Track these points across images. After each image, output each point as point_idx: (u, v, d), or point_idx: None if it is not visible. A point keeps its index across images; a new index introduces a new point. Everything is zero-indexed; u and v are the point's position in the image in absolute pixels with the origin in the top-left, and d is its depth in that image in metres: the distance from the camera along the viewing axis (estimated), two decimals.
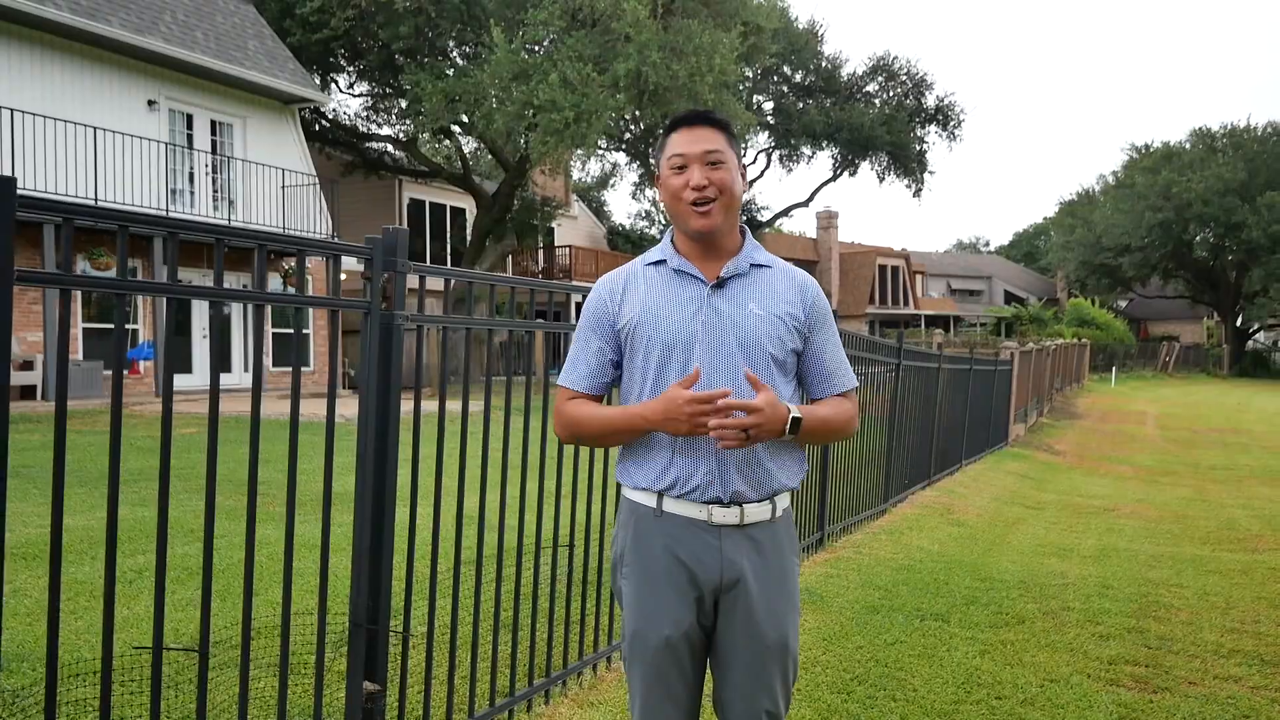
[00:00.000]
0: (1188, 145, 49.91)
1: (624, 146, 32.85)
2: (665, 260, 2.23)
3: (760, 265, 2.24)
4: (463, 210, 27.54)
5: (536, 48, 19.27)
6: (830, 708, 3.67)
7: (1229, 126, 48.99)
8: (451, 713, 3.00)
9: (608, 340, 2.24)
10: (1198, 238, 48.46)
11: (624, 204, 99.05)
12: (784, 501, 2.23)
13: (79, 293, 3.64)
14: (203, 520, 6.47)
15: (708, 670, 2.25)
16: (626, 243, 34.24)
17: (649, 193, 37.47)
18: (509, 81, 18.07)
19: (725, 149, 2.18)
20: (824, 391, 2.27)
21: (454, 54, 22.17)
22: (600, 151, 26.41)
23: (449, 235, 27.20)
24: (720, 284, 2.19)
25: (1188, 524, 9.20)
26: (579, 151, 19.31)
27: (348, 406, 14.69)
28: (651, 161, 2.50)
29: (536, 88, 17.55)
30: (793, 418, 2.08)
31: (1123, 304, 60.24)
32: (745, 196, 2.32)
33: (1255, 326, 54.22)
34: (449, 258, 26.44)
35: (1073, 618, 5.19)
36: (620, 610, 2.28)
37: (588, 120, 17.56)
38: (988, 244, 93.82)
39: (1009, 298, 59.24)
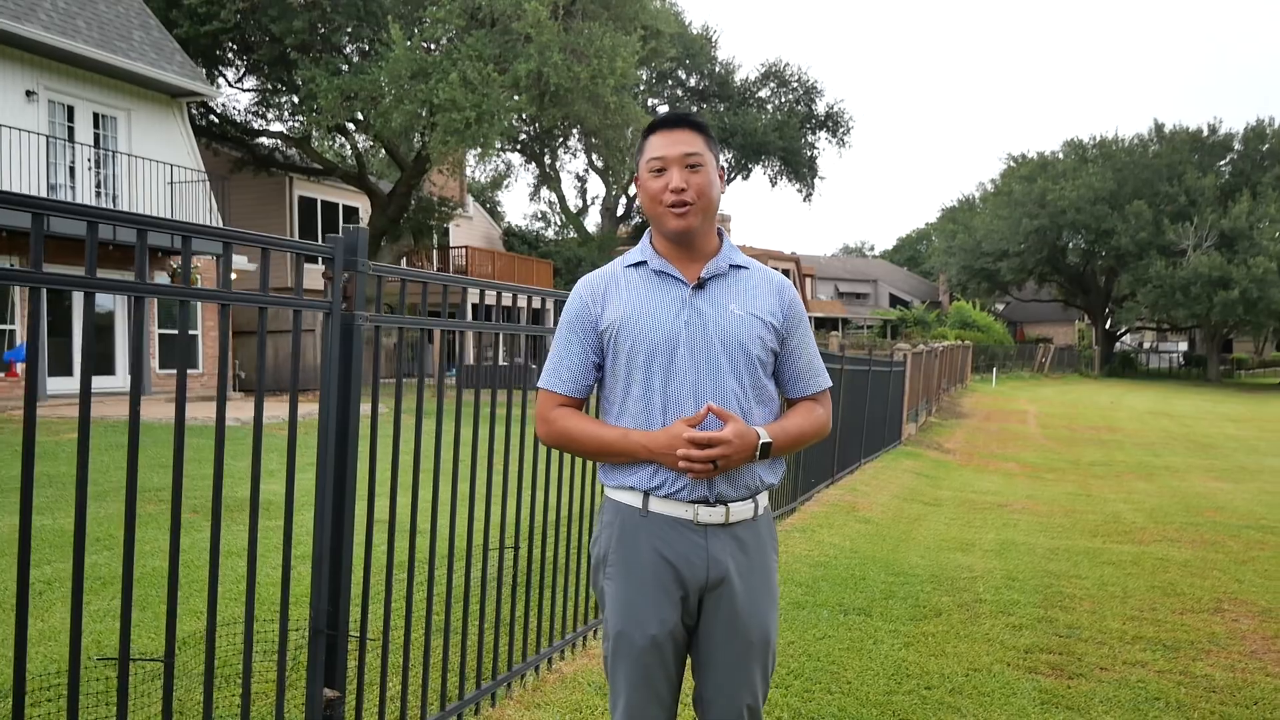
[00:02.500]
0: (1061, 155, 52.25)
1: (519, 147, 32.71)
2: (645, 262, 2.24)
3: (738, 266, 2.28)
4: (356, 210, 26.99)
5: (435, 46, 19.03)
6: (771, 701, 3.74)
7: (1099, 138, 51.45)
8: (405, 718, 2.97)
9: (590, 342, 2.24)
10: (1070, 244, 50.78)
11: (519, 205, 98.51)
12: (764, 500, 2.27)
13: None
14: (106, 528, 6.22)
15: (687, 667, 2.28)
16: (523, 244, 34.05)
17: (546, 194, 37.35)
18: (407, 80, 17.79)
19: (704, 151, 2.21)
20: (799, 392, 2.32)
21: (348, 50, 21.72)
22: (495, 152, 26.20)
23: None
24: (701, 285, 2.21)
25: (1076, 518, 9.64)
26: (478, 151, 19.12)
27: (240, 409, 14.26)
28: (628, 164, 2.49)
29: (436, 87, 17.34)
30: (763, 444, 2.13)
31: (1000, 307, 62.63)
32: (638, 198, 2.36)
33: (1123, 329, 57.04)
34: None
35: (985, 609, 5.39)
36: (602, 611, 2.27)
37: (489, 120, 17.43)
38: (873, 248, 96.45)
39: (894, 300, 61.00)
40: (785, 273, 51.91)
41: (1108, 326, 55.23)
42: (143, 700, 3.35)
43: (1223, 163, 49.70)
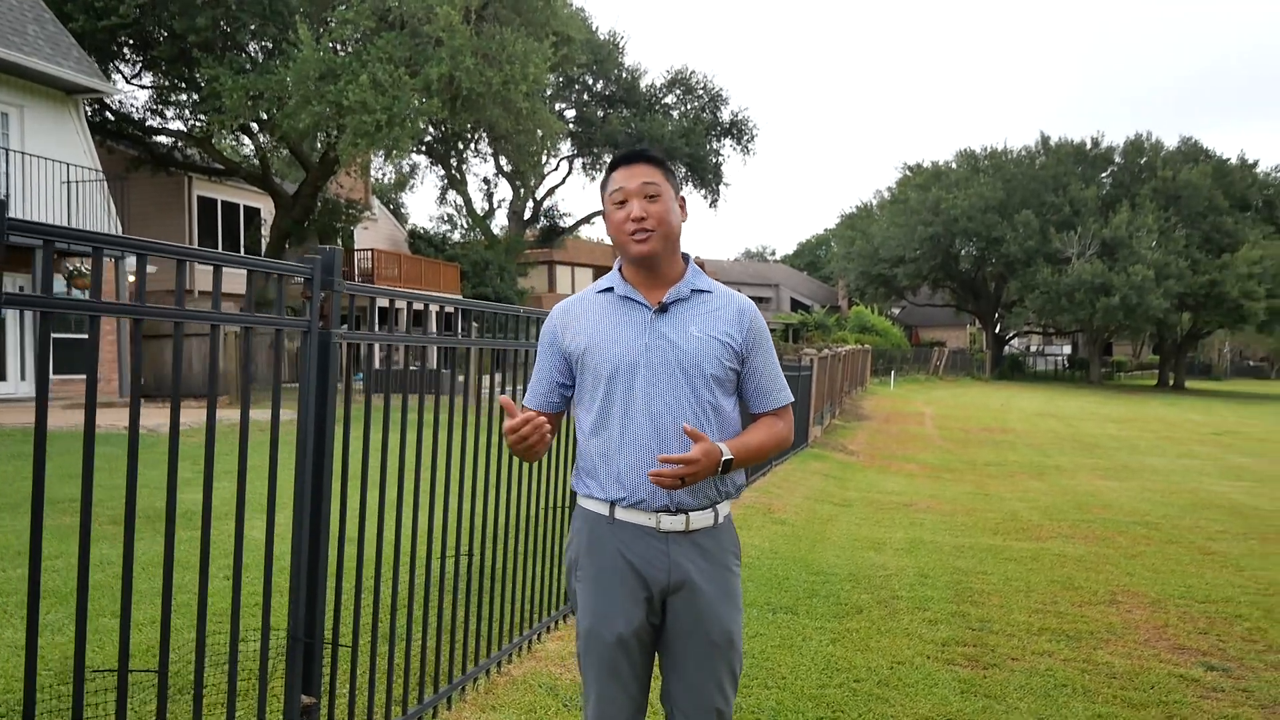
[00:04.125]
0: (954, 165, 54.09)
1: (425, 149, 32.44)
2: (613, 288, 2.41)
3: (701, 290, 2.45)
4: (258, 211, 26.42)
5: (344, 47, 18.81)
6: None
7: (989, 149, 53.42)
8: None
9: (557, 364, 2.45)
10: (963, 251, 52.62)
11: (424, 207, 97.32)
12: (725, 509, 2.43)
13: None
14: (23, 539, 6.08)
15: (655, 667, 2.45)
16: (429, 246, 33.73)
17: (453, 196, 37.08)
18: (315, 80, 17.55)
19: (662, 182, 2.37)
20: (760, 407, 2.50)
21: (251, 49, 21.28)
22: (406, 154, 25.96)
23: (243, 236, 26.04)
24: (663, 309, 2.37)
25: (977, 516, 10.10)
26: (392, 153, 18.96)
27: (146, 416, 13.88)
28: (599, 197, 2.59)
29: (346, 88, 17.15)
30: (724, 460, 2.28)
31: (896, 311, 64.46)
32: (545, 203, 2.55)
33: (1012, 333, 59.29)
34: None
35: (902, 605, 5.69)
36: (575, 612, 2.44)
37: (400, 123, 17.32)
38: (774, 253, 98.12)
39: (795, 305, 62.22)
40: None
41: (997, 330, 57.32)
42: (99, 712, 3.36)
43: (1104, 175, 52.13)
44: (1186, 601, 6.10)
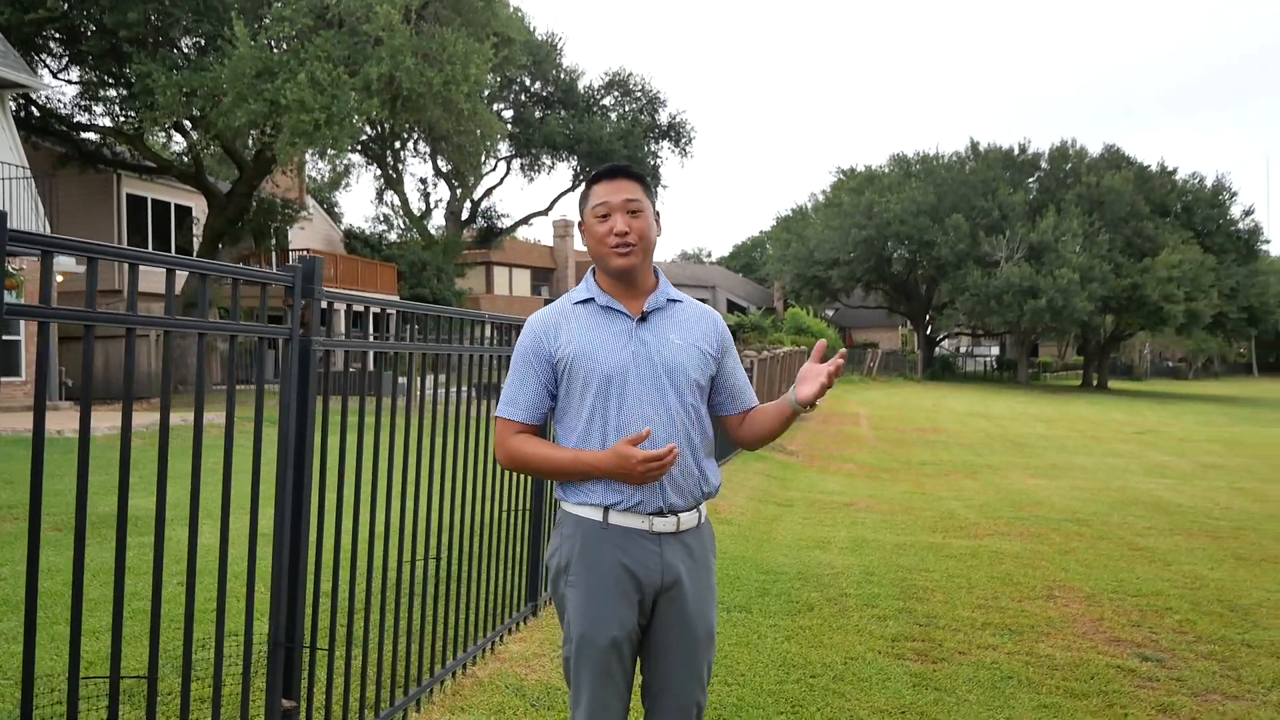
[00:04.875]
0: (887, 169, 55.02)
1: (361, 148, 32.09)
2: (593, 299, 2.48)
3: (674, 300, 2.55)
4: (189, 209, 25.90)
5: (281, 45, 18.55)
6: None
7: (921, 154, 54.44)
8: None
9: (544, 374, 2.46)
10: (895, 254, 53.53)
11: (360, 206, 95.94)
12: (704, 509, 2.54)
13: None
14: None
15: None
16: (365, 246, 33.36)
17: (389, 196, 36.69)
18: (252, 78, 17.29)
19: (643, 198, 2.47)
20: (733, 409, 2.61)
21: (183, 44, 20.86)
22: (344, 154, 25.65)
23: (174, 236, 25.51)
24: (644, 318, 2.47)
25: (916, 515, 10.34)
26: (331, 153, 18.74)
27: (63, 420, 13.54)
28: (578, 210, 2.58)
29: (283, 87, 16.92)
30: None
31: (830, 313, 65.33)
32: (483, 204, 2.62)
33: (943, 334, 60.47)
34: None
35: (851, 603, 5.84)
36: (563, 616, 2.48)
37: (339, 123, 17.14)
38: (710, 255, 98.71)
39: (731, 306, 62.68)
40: None
41: (929, 332, 58.42)
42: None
43: (1031, 180, 53.45)
44: (1119, 596, 6.35)
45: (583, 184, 2.54)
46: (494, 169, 36.80)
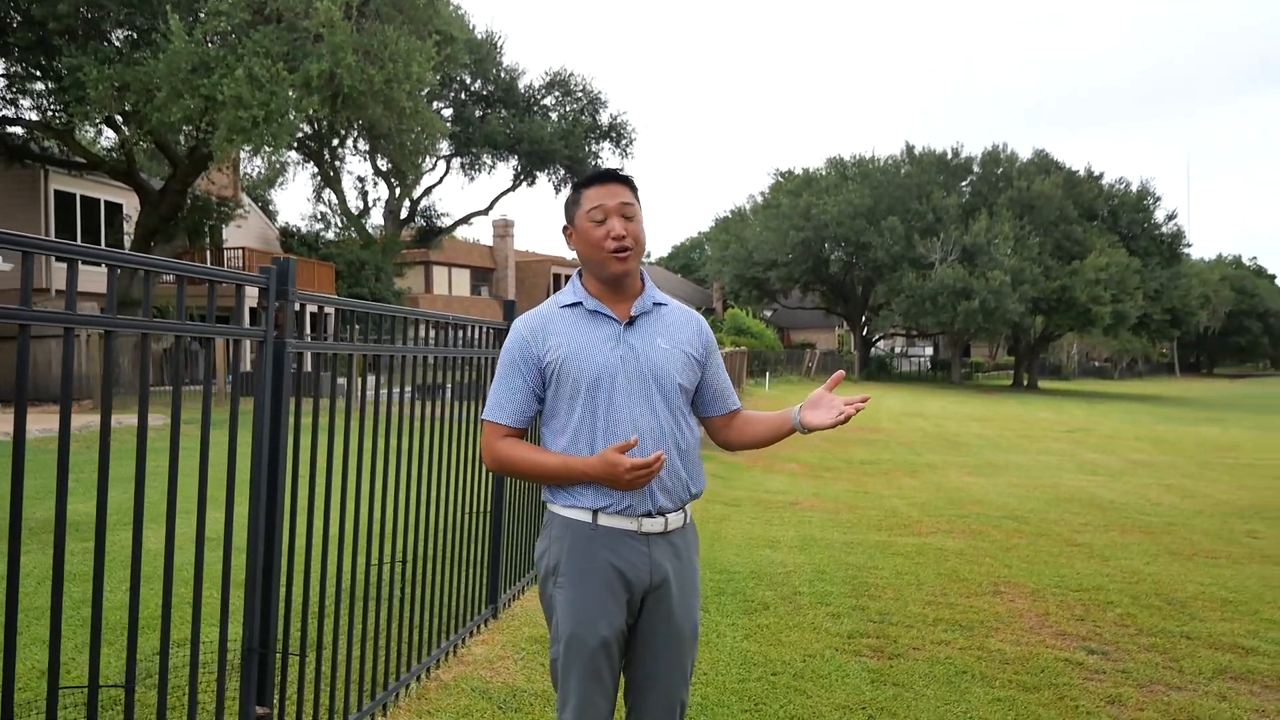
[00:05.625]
0: (825, 172, 55.69)
1: (296, 145, 31.57)
2: (580, 303, 2.49)
3: (660, 304, 2.58)
4: (120, 206, 25.28)
5: (218, 39, 18.19)
6: None
7: (857, 157, 55.22)
8: None
9: (531, 377, 2.46)
10: (833, 255, 54.22)
11: (296, 204, 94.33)
12: (690, 509, 2.57)
13: None
14: None
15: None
16: (302, 245, 32.83)
17: (327, 195, 36.14)
18: (187, 73, 16.93)
19: (635, 203, 2.51)
20: (718, 411, 2.65)
21: (115, 38, 20.34)
22: (283, 151, 25.23)
23: (104, 233, 24.86)
24: (631, 322, 2.49)
25: (860, 513, 10.50)
26: (269, 151, 18.43)
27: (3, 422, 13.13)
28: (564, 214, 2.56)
29: (220, 82, 16.60)
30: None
31: (768, 313, 65.91)
32: (422, 203, 2.63)
33: (878, 335, 61.37)
34: None
35: (805, 601, 5.92)
36: (550, 618, 2.49)
37: (278, 120, 16.87)
38: (648, 255, 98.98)
39: None
40: (568, 279, 52.57)
41: (865, 333, 59.26)
42: None
43: (964, 184, 54.53)
44: (1062, 590, 6.52)
45: (569, 188, 2.53)
46: (434, 168, 36.47)
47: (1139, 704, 4.27)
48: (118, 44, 19.88)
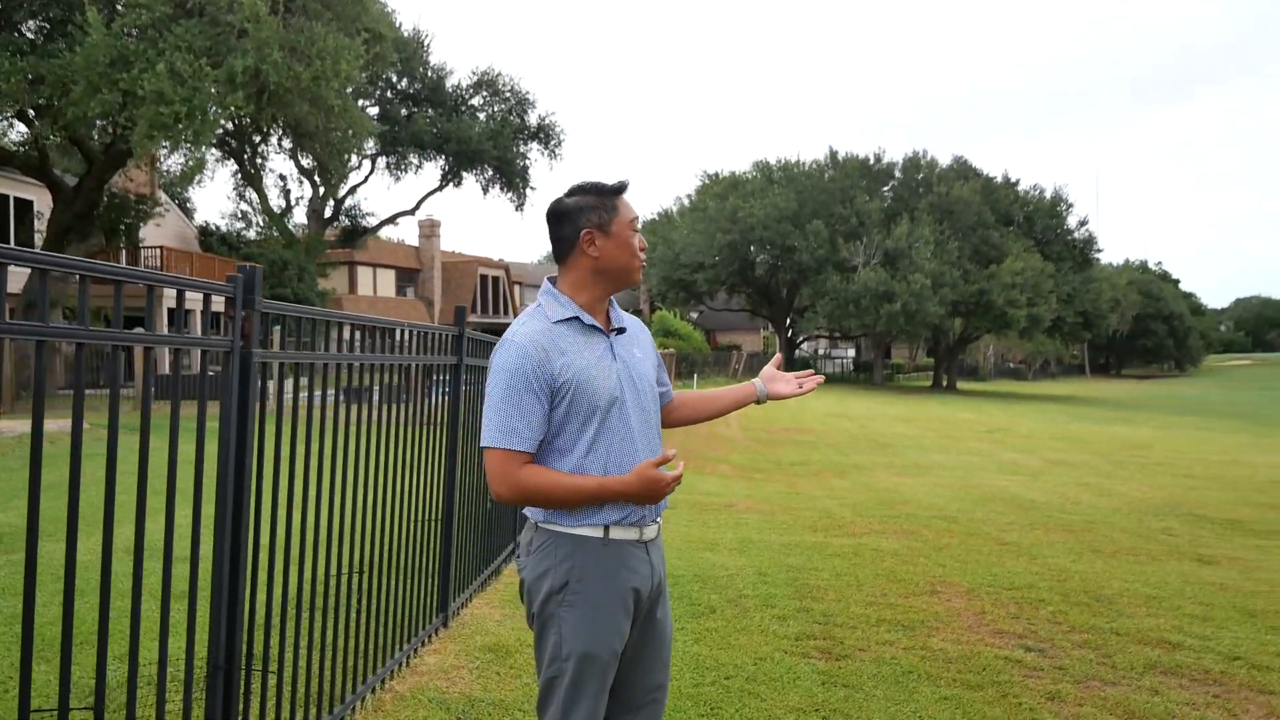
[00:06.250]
0: (751, 175, 56.29)
1: (216, 142, 30.82)
2: (577, 317, 2.42)
3: (621, 314, 2.60)
4: (30, 203, 24.42)
5: (136, 32, 17.67)
6: None
7: (783, 161, 55.90)
8: None
9: (543, 399, 2.35)
10: (759, 258, 54.77)
11: (215, 202, 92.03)
12: None
13: None
14: None
15: None
16: (222, 245, 32.07)
17: (250, 193, 35.31)
18: (105, 67, 16.42)
19: None
20: (663, 403, 2.74)
21: (28, 28, 19.63)
22: (189, 145, 24.60)
23: (14, 231, 23.98)
24: (616, 333, 2.51)
25: (795, 515, 10.63)
26: (191, 147, 17.96)
27: None
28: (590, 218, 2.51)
29: (140, 77, 16.13)
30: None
31: (695, 315, 66.35)
32: (346, 202, 2.61)
33: (803, 337, 62.17)
34: None
35: (751, 604, 5.98)
36: (552, 636, 2.40)
37: (200, 116, 16.45)
38: None
39: None
40: (494, 279, 52.29)
41: (790, 335, 60.00)
42: None
43: (886, 189, 55.60)
44: (996, 589, 6.70)
45: (596, 192, 2.43)
46: (359, 167, 35.97)
47: (1078, 699, 4.41)
48: (30, 35, 19.20)
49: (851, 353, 72.61)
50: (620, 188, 2.49)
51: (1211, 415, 42.45)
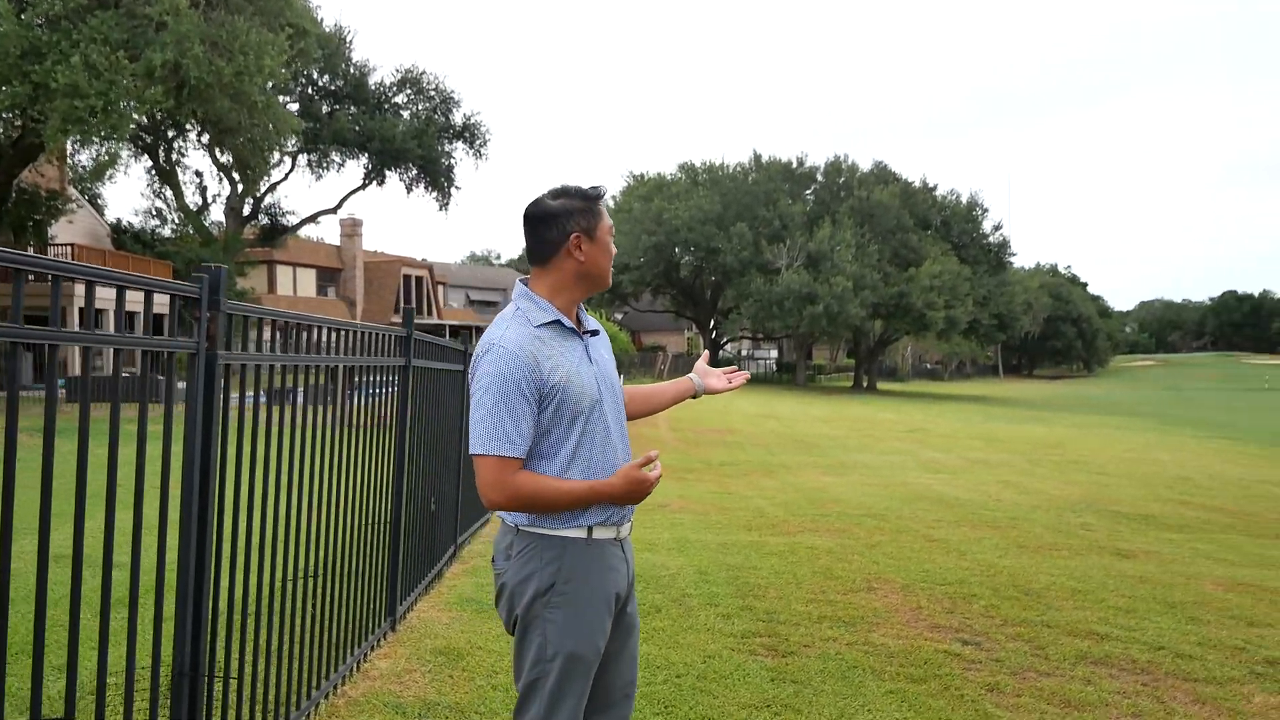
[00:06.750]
0: (677, 177, 56.65)
1: (130, 137, 29.94)
2: (559, 320, 2.43)
3: (588, 317, 2.63)
4: None
5: (48, 23, 17.09)
6: None
7: (708, 163, 56.38)
8: None
9: (534, 404, 2.34)
10: (683, 260, 55.19)
11: (128, 199, 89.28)
12: None
13: None
14: None
15: None
16: (136, 243, 31.13)
17: (165, 190, 34.31)
18: (16, 59, 15.85)
19: None
20: None
21: None
22: (99, 141, 23.86)
23: None
24: (589, 335, 2.54)
25: (729, 515, 10.74)
26: (106, 142, 17.42)
27: None
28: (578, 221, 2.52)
29: (53, 69, 15.61)
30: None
31: (620, 316, 66.47)
32: (266, 200, 2.62)
33: (727, 338, 62.73)
34: None
35: (695, 603, 6.04)
36: (536, 638, 2.40)
37: (117, 110, 15.99)
38: (499, 257, 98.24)
39: None
40: (418, 280, 51.67)
41: (714, 336, 60.50)
42: None
43: (809, 192, 56.46)
44: (929, 585, 6.86)
45: (569, 196, 2.44)
46: (279, 164, 35.25)
47: (1016, 690, 4.56)
48: None
49: (774, 354, 73.47)
50: (600, 194, 2.51)
51: (1119, 414, 43.99)
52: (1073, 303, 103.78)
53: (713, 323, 59.61)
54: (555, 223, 2.44)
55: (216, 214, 35.88)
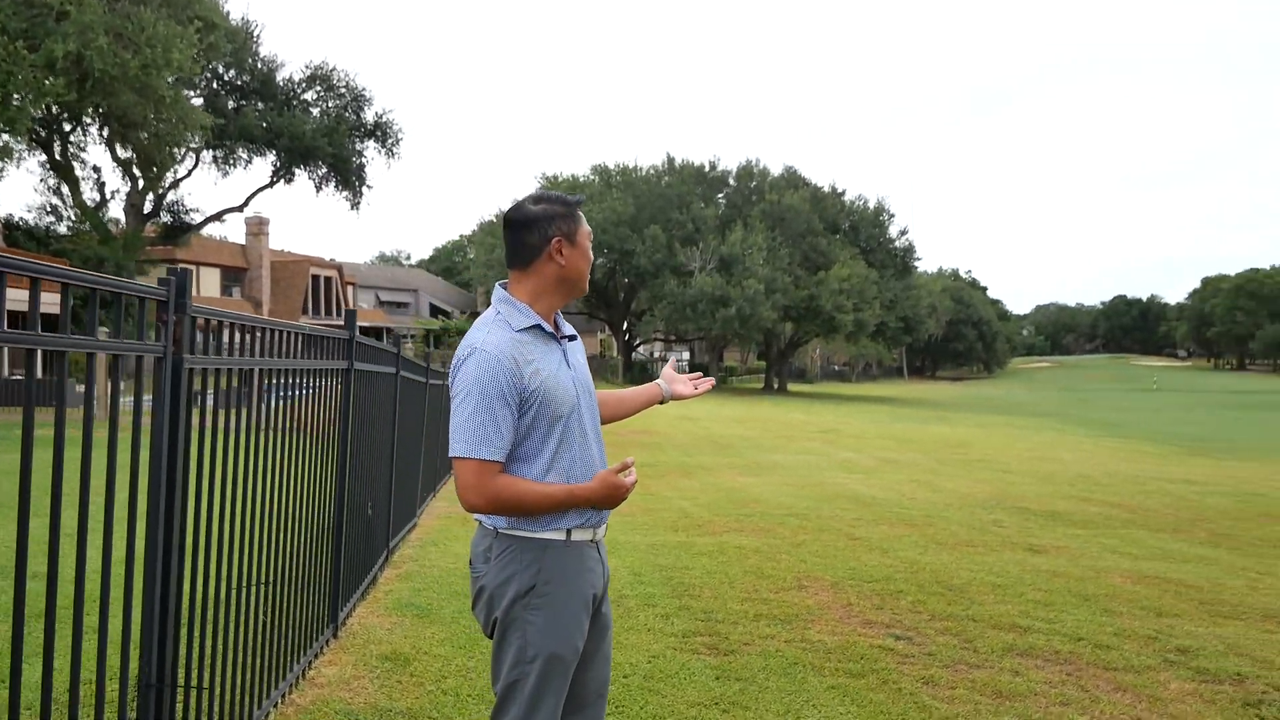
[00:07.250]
0: (590, 179, 56.67)
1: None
2: (539, 325, 2.46)
3: (564, 322, 2.66)
4: None
5: None
6: None
7: (622, 165, 56.54)
8: None
9: (514, 408, 2.36)
10: (597, 261, 55.15)
11: (18, 194, 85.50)
12: None
13: None
14: None
15: None
16: (30, 240, 29.87)
17: (62, 186, 32.96)
18: None
19: None
20: None
21: None
22: (23, 136, 22.85)
23: None
24: (566, 340, 2.57)
25: (654, 516, 10.81)
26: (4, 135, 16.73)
27: None
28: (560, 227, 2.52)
29: None
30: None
31: None
32: (168, 197, 2.63)
33: (640, 340, 62.98)
34: None
35: (633, 604, 6.09)
36: (516, 639, 2.41)
37: (14, 102, 15.36)
38: (409, 257, 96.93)
39: (434, 310, 61.98)
40: (326, 280, 50.71)
41: (627, 338, 60.70)
42: None
43: (721, 195, 57.07)
44: (858, 582, 7.04)
45: (562, 203, 2.46)
46: (183, 160, 34.22)
47: (950, 683, 4.72)
48: None
49: (687, 355, 74.02)
50: (581, 200, 2.56)
51: (1019, 414, 45.48)
52: (974, 306, 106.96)
53: (626, 325, 59.83)
54: (537, 227, 2.46)
55: (116, 211, 34.64)
